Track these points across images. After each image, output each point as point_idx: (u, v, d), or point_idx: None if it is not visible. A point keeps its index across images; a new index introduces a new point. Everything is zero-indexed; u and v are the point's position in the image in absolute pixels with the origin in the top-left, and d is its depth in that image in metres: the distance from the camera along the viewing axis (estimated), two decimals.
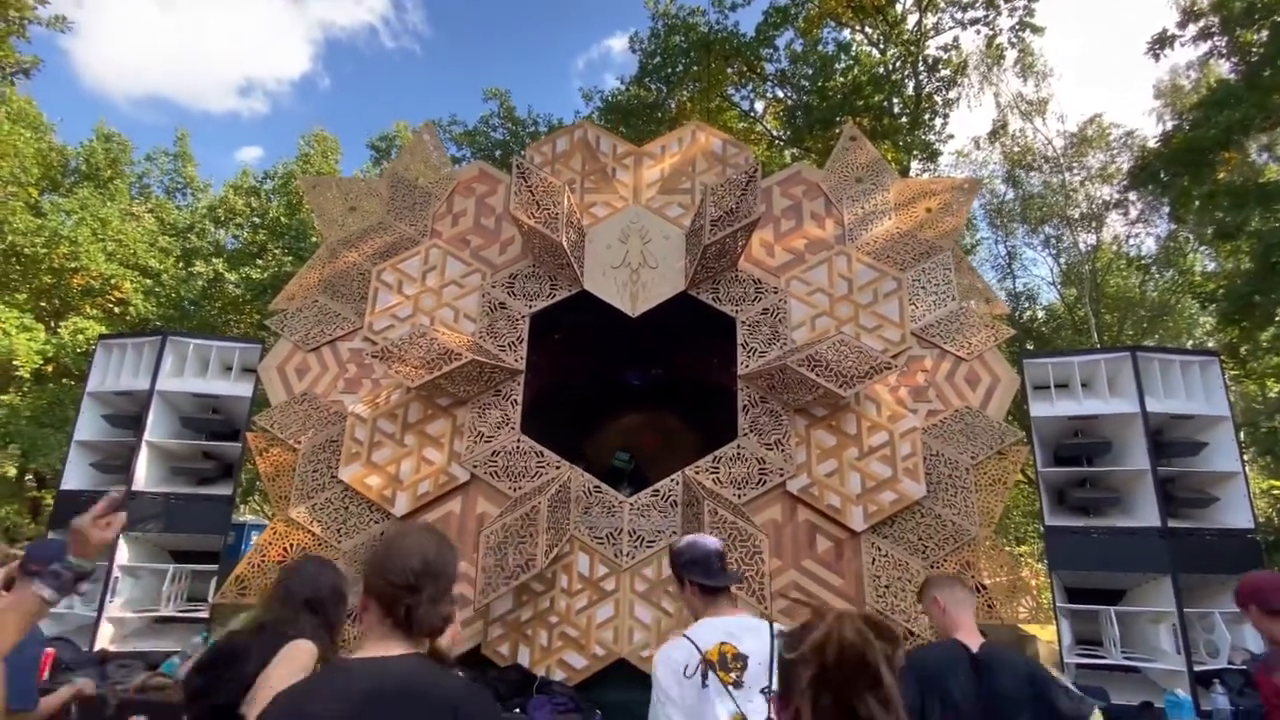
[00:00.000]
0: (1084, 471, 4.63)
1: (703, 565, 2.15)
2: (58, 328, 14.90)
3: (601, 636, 4.12)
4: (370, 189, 5.43)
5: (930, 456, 4.35)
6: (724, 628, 2.02)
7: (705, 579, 2.13)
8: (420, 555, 1.38)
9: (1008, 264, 20.14)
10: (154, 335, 5.11)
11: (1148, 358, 4.65)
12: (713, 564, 2.16)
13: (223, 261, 16.81)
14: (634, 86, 16.50)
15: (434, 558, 1.39)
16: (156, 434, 4.86)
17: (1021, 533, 20.03)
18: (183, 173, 19.25)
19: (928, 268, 4.80)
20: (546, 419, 6.38)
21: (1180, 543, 4.25)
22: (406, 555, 1.38)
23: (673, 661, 1.97)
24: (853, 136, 5.35)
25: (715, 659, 1.94)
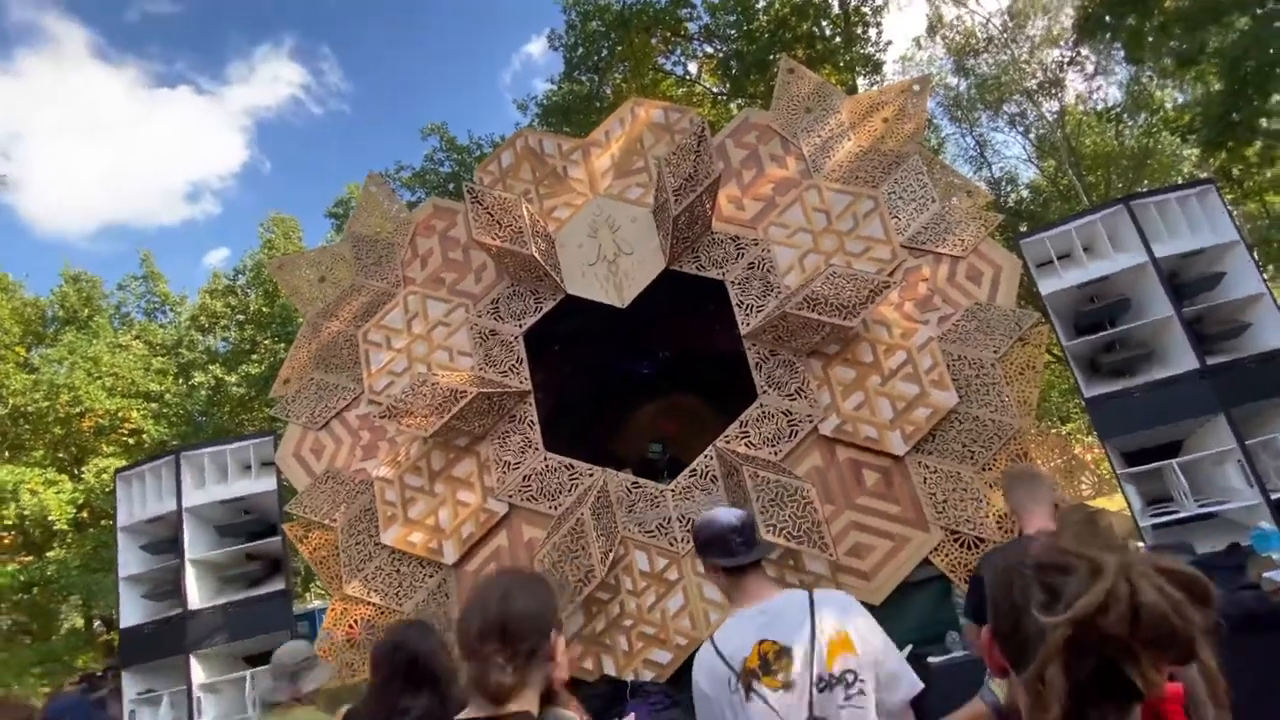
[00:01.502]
0: (1109, 335, 4.53)
1: (720, 544, 1.87)
2: (81, 473, 15.05)
3: (679, 626, 4.09)
4: (336, 255, 5.39)
5: (953, 362, 4.26)
6: (758, 620, 1.77)
7: (724, 559, 1.86)
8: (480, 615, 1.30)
9: (979, 153, 19.90)
10: (167, 456, 5.11)
11: (1143, 204, 4.53)
12: (730, 541, 1.86)
13: (219, 366, 16.91)
14: (565, 83, 16.35)
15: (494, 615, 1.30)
16: (196, 550, 4.87)
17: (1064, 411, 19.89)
18: (156, 292, 19.34)
19: (900, 178, 4.69)
20: (569, 430, 6.35)
21: (1223, 378, 4.15)
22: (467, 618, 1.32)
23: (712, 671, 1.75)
24: (790, 69, 5.24)
25: (756, 665, 1.70)
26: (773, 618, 1.76)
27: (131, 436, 16.25)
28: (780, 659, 1.69)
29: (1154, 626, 0.75)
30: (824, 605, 1.76)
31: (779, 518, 3.77)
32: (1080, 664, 0.78)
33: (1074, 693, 0.79)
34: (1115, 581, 0.77)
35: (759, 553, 1.88)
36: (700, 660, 1.80)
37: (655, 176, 4.80)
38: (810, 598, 1.78)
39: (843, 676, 1.66)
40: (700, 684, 1.78)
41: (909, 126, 4.92)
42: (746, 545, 1.86)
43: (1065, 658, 0.79)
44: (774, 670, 1.68)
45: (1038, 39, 18.51)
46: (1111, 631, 0.76)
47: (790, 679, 1.66)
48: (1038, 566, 0.87)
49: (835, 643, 1.70)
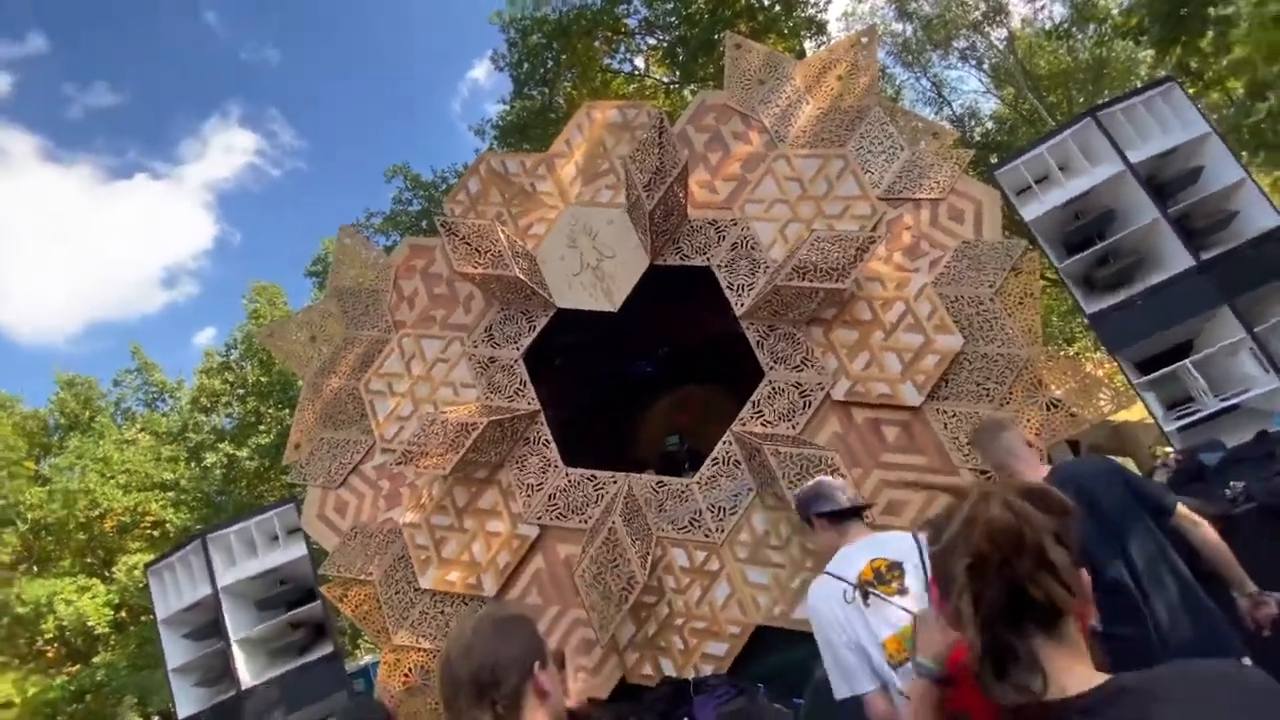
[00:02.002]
0: (1099, 249, 4.51)
1: (826, 497, 2.14)
2: (112, 574, 15.05)
3: (730, 615, 4.07)
4: (323, 313, 5.37)
5: (951, 304, 4.24)
6: (867, 547, 1.96)
7: (832, 507, 2.11)
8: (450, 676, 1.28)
9: (937, 94, 19.88)
10: (193, 542, 5.10)
11: (1110, 114, 4.52)
12: (836, 494, 2.14)
13: (228, 443, 16.91)
14: (517, 101, 16.33)
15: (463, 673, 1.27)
16: (239, 629, 4.85)
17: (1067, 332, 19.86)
18: (153, 382, 19.34)
19: (865, 132, 4.67)
20: (585, 441, 6.34)
21: (1220, 270, 4.14)
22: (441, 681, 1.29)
23: (827, 594, 1.91)
24: (737, 45, 5.22)
25: (870, 576, 1.87)
26: (880, 544, 1.97)
27: (155, 529, 16.26)
28: (892, 571, 1.87)
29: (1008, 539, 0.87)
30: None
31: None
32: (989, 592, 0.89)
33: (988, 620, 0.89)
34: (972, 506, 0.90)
35: (860, 503, 2.16)
36: (814, 587, 2.00)
37: (623, 176, 4.78)
38: (911, 533, 1.98)
39: None
40: (815, 604, 1.96)
41: (863, 80, 4.90)
42: (849, 498, 2.14)
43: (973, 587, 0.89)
44: (888, 580, 1.86)
45: None
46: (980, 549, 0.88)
47: (905, 586, 1.83)
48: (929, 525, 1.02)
49: None
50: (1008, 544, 0.88)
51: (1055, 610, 0.89)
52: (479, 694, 1.24)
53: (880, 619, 1.81)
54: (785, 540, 4.10)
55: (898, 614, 1.78)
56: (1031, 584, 0.88)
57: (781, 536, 4.11)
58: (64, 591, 13.62)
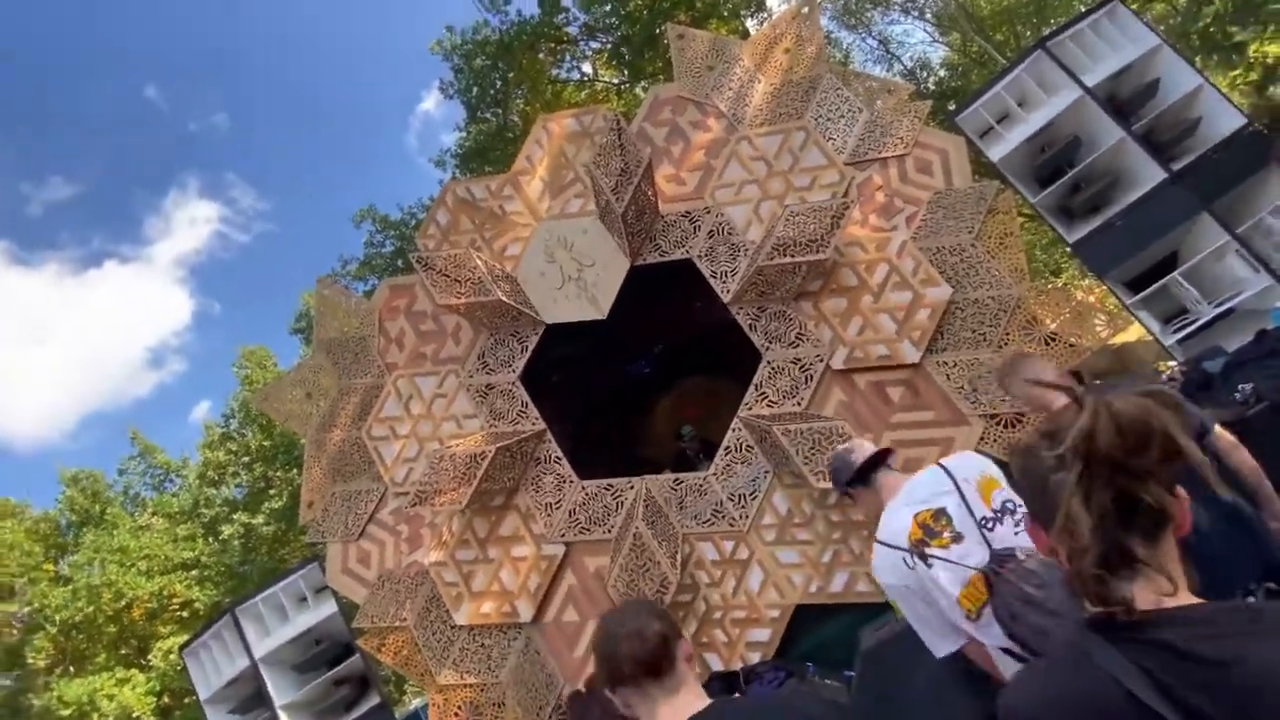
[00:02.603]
0: (1070, 178, 4.52)
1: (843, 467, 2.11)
2: (149, 661, 14.96)
3: (767, 599, 4.06)
4: (314, 368, 5.34)
5: (934, 255, 4.24)
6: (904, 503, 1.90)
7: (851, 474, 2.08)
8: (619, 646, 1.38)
9: (885, 52, 19.90)
10: (223, 617, 5.06)
11: (1058, 42, 4.53)
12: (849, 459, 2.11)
13: (242, 513, 16.82)
14: (472, 126, 16.30)
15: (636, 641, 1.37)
16: (284, 696, 4.82)
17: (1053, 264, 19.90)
18: (157, 464, 19.24)
19: (821, 100, 4.66)
20: (595, 452, 6.32)
21: (1193, 178, 4.15)
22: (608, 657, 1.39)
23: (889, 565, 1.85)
24: (679, 35, 5.21)
25: (920, 535, 1.80)
26: (915, 492, 1.89)
27: (183, 609, 16.17)
28: (939, 520, 1.80)
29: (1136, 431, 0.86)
30: (954, 463, 1.91)
31: (824, 463, 3.74)
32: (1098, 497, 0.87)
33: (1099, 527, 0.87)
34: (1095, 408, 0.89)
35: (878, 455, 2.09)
36: (875, 560, 1.94)
37: (589, 184, 4.77)
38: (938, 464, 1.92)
39: (1004, 507, 1.76)
40: (884, 580, 1.90)
41: (810, 49, 4.90)
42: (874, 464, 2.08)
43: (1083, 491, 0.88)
44: (938, 532, 1.79)
45: None
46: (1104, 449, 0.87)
47: (957, 532, 1.76)
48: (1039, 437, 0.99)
49: (982, 483, 1.81)
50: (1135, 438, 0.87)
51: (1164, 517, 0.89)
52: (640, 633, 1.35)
53: (947, 576, 1.75)
54: (809, 517, 4.09)
55: (961, 570, 1.73)
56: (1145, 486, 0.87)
57: (805, 514, 4.11)
58: (104, 687, 13.54)
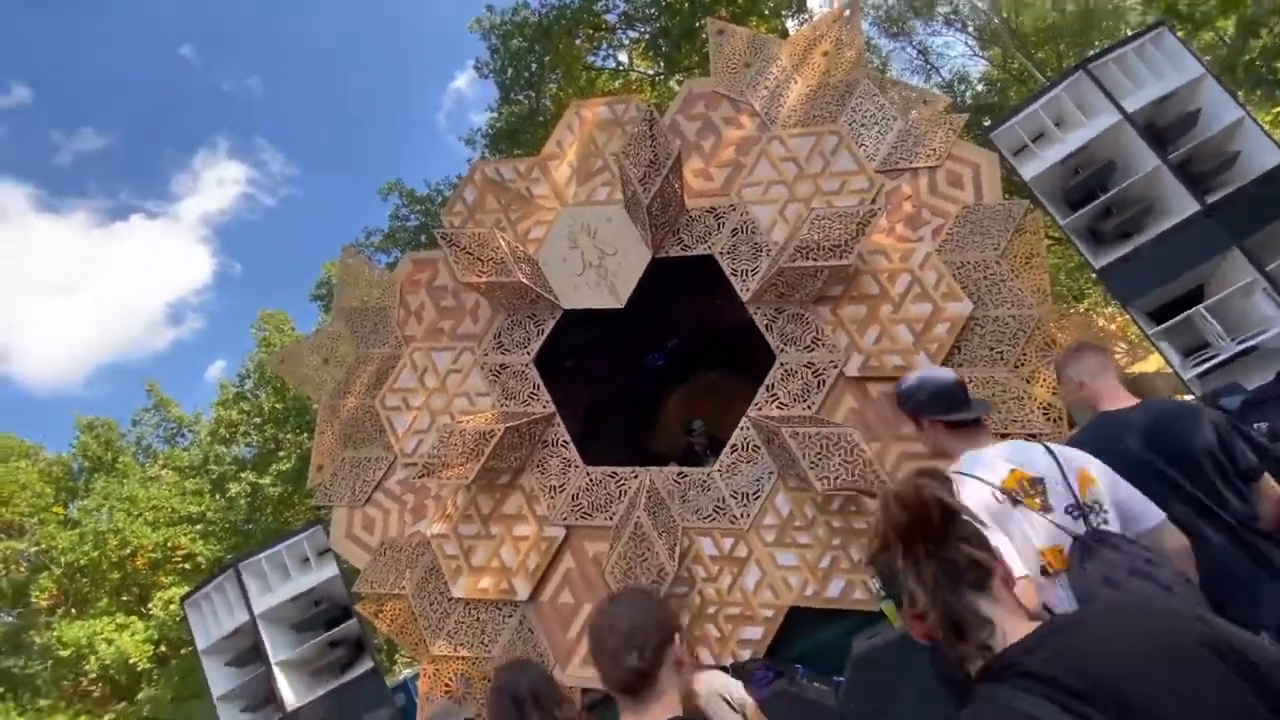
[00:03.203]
0: (1103, 201, 4.46)
1: (945, 398, 1.89)
2: (149, 610, 15.26)
3: (762, 599, 4.09)
4: (333, 335, 5.41)
5: (958, 270, 4.23)
6: (1005, 455, 1.78)
7: (951, 413, 1.85)
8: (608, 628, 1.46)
9: (924, 62, 19.68)
10: (227, 571, 5.15)
11: (1101, 64, 4.46)
12: (956, 395, 1.89)
13: (250, 472, 17.07)
14: (504, 107, 16.34)
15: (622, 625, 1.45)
16: (280, 653, 4.90)
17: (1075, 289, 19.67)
18: (171, 418, 19.56)
19: (856, 105, 4.65)
20: (603, 440, 6.36)
21: (1227, 212, 4.09)
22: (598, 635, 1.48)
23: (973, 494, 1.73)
24: (719, 30, 5.20)
25: (1014, 487, 1.72)
26: (1019, 452, 1.78)
27: (186, 561, 16.46)
28: (1035, 486, 1.73)
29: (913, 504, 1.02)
30: (1060, 448, 1.82)
31: (829, 468, 3.75)
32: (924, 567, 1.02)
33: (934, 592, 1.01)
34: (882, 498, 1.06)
35: (981, 409, 1.89)
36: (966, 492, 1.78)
37: (617, 172, 4.78)
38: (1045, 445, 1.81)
39: (1094, 505, 1.72)
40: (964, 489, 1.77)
41: (850, 54, 4.88)
42: (967, 401, 1.88)
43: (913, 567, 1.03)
44: (1032, 494, 1.72)
45: None
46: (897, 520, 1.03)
47: (1049, 503, 1.71)
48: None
49: (1082, 475, 1.75)
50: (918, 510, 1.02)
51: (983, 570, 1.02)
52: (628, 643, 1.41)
53: (1040, 528, 1.68)
54: (810, 521, 4.11)
55: (1050, 528, 1.67)
56: (953, 547, 1.01)
57: (806, 517, 4.12)
58: (103, 631, 13.83)
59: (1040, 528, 1.68)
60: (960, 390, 1.91)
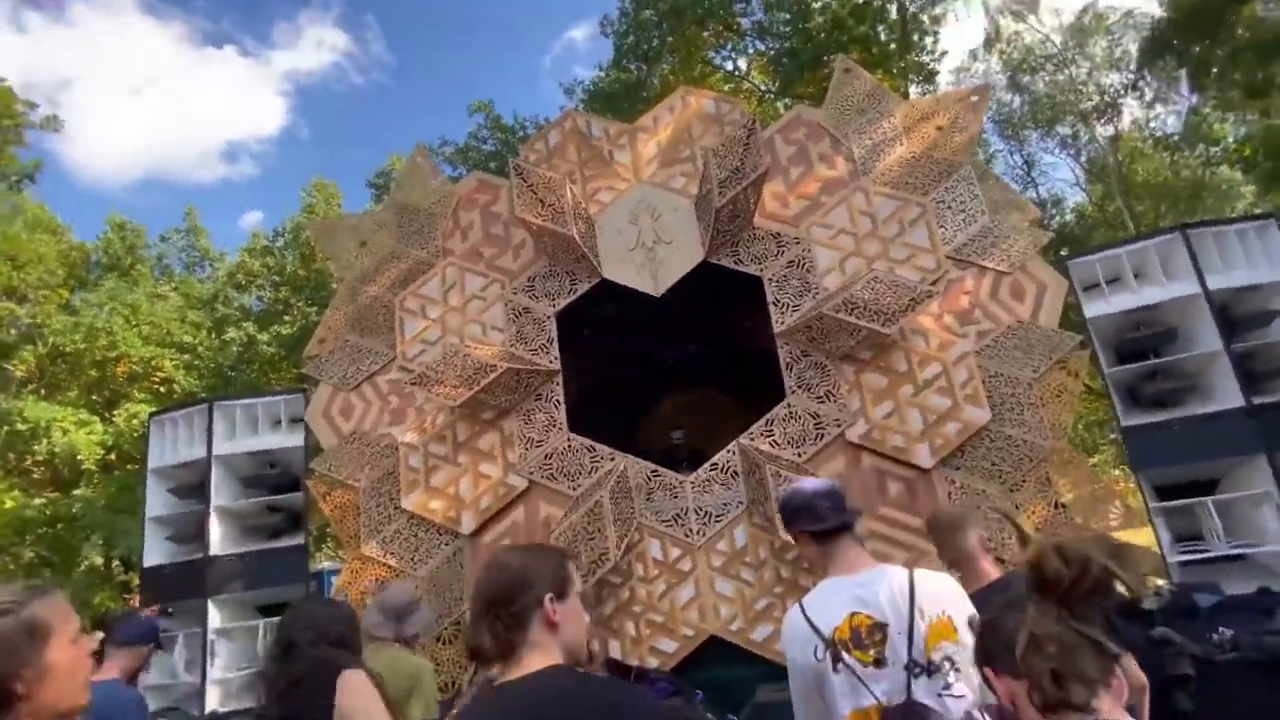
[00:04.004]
0: (1152, 364, 4.42)
1: (808, 511, 1.80)
2: (112, 417, 15.45)
3: (687, 617, 4.09)
4: (378, 222, 5.45)
5: (989, 378, 4.19)
6: (851, 590, 1.68)
7: (814, 524, 1.78)
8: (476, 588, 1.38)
9: (1026, 173, 19.47)
10: (201, 405, 5.23)
11: (1199, 233, 4.41)
12: (818, 506, 1.79)
13: (252, 324, 17.23)
14: (613, 71, 16.31)
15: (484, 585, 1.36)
16: (222, 498, 4.98)
17: (1089, 443, 19.46)
18: (198, 246, 19.78)
19: (950, 187, 4.61)
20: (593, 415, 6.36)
21: (1269, 419, 4.03)
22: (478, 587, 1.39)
23: (800, 638, 1.69)
24: (846, 69, 5.17)
25: (846, 636, 1.63)
26: (867, 590, 1.68)
27: (162, 385, 16.64)
28: (874, 634, 1.63)
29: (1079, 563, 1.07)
30: (926, 585, 1.70)
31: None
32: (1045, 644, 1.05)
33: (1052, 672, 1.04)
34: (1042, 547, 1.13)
35: (848, 517, 1.80)
36: (788, 624, 1.77)
37: (701, 167, 4.77)
38: (910, 577, 1.70)
39: (941, 664, 1.60)
40: (787, 642, 1.75)
41: (962, 137, 4.83)
42: (836, 510, 1.80)
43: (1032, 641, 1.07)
44: (866, 645, 1.62)
45: (1098, 59, 18.04)
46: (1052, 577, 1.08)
47: (883, 656, 1.60)
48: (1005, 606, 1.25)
49: (936, 627, 1.63)
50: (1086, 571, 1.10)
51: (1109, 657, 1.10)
52: (487, 609, 1.30)
53: (848, 689, 1.61)
54: (761, 562, 4.10)
55: (865, 693, 1.59)
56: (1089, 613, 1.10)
57: (758, 557, 4.12)
58: (64, 420, 14.00)
59: (853, 690, 1.59)
60: (825, 499, 1.81)
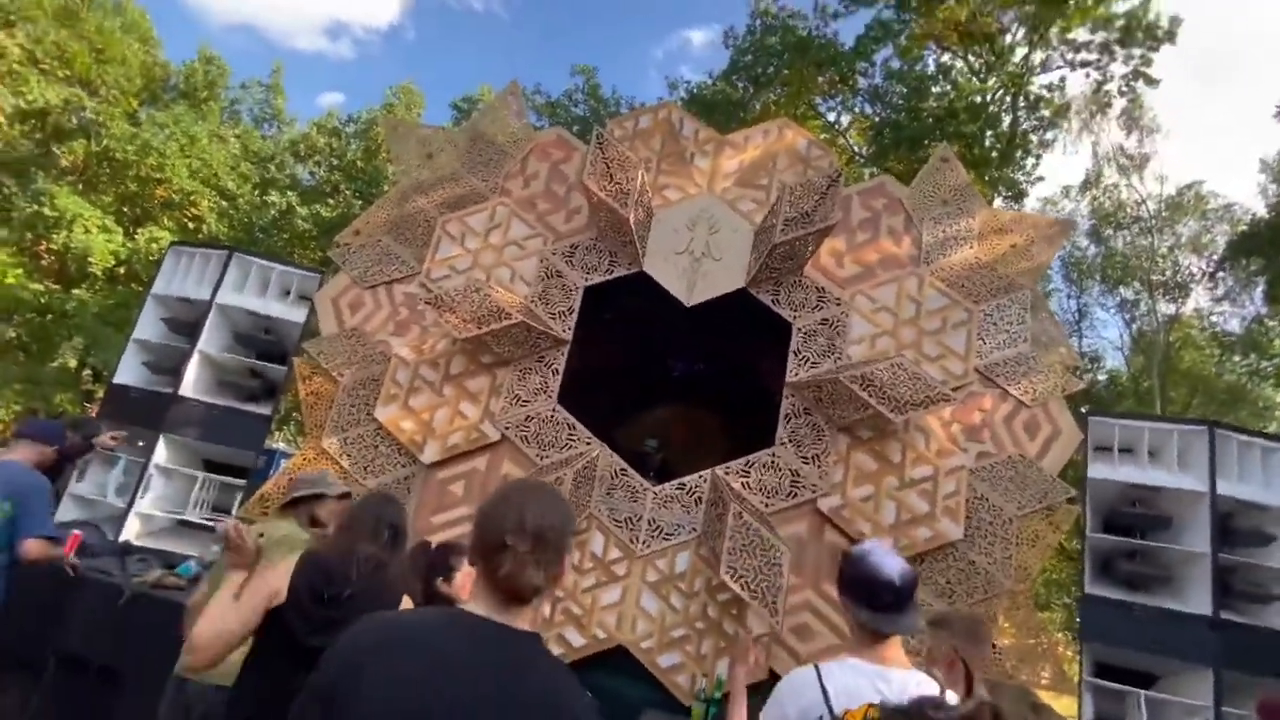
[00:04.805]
0: (1136, 544, 4.36)
1: (867, 591, 1.67)
2: (135, 234, 15.57)
3: (603, 620, 4.06)
4: (450, 140, 5.44)
5: (974, 500, 4.14)
6: (877, 680, 1.58)
7: (867, 614, 1.66)
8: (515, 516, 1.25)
9: (1076, 321, 19.35)
10: (223, 250, 5.24)
11: (1226, 436, 4.34)
12: (881, 595, 1.65)
13: (296, 195, 17.32)
14: (721, 82, 16.33)
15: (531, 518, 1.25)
16: (209, 345, 4.98)
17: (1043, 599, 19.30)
18: (272, 104, 19.89)
19: (1003, 304, 4.56)
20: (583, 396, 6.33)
21: (1232, 636, 3.97)
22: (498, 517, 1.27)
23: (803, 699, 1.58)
24: (945, 158, 5.13)
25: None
26: (892, 689, 1.56)
27: (193, 221, 16.77)
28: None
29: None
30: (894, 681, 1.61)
31: (744, 566, 3.70)
32: None
33: None
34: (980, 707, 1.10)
35: (903, 627, 1.67)
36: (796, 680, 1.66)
37: (773, 199, 4.74)
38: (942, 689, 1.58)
39: None
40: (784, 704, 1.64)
41: (1030, 262, 4.79)
42: (898, 608, 1.66)
43: None
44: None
45: (1184, 238, 17.91)
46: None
47: None
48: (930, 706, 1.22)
49: None
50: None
51: None
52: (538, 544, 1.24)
53: None
54: (694, 593, 4.07)
55: None
56: None
57: (692, 587, 4.08)
58: (90, 220, 14.11)
59: None
60: (890, 593, 1.64)
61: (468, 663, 1.14)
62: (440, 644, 1.16)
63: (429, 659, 1.14)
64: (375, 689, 1.10)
